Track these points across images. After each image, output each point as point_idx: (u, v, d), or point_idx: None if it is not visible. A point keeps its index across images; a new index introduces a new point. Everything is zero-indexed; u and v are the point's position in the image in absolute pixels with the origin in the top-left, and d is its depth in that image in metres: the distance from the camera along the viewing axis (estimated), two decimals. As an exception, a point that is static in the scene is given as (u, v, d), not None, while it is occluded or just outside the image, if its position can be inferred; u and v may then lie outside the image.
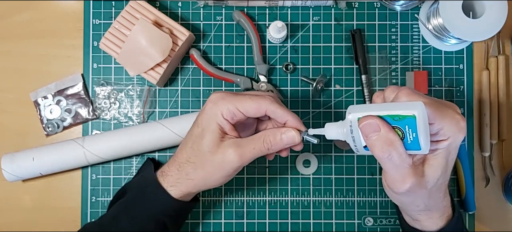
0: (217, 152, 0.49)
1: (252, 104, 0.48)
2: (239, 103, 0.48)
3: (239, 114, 0.48)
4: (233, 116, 0.48)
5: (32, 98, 0.64)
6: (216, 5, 0.65)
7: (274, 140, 0.49)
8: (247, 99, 0.48)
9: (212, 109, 0.49)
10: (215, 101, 0.49)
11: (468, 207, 0.63)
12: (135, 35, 0.59)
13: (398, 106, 0.41)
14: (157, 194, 0.52)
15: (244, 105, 0.48)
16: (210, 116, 0.49)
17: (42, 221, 0.64)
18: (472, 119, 0.64)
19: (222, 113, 0.48)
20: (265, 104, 0.48)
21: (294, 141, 0.49)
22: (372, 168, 0.64)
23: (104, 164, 0.64)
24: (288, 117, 0.49)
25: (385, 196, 0.64)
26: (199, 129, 0.50)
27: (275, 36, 0.62)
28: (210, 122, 0.49)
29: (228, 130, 0.49)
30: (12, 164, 0.60)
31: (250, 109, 0.48)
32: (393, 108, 0.41)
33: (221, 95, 0.49)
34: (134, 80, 0.64)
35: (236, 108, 0.48)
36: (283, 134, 0.49)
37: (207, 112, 0.49)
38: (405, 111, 0.40)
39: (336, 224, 0.64)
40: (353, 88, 0.65)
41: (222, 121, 0.48)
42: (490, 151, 0.64)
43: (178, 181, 0.51)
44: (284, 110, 0.49)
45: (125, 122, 0.64)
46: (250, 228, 0.64)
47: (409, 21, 0.65)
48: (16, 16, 0.65)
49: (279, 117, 0.49)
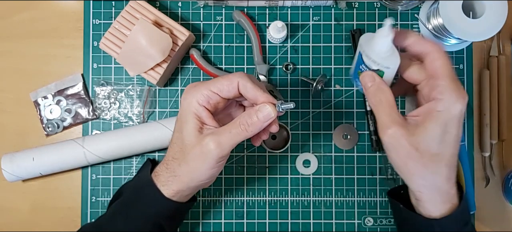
0: (197, 144, 0.48)
1: (224, 81, 0.48)
2: (211, 84, 0.48)
3: (214, 96, 0.48)
4: (208, 100, 0.48)
5: (32, 98, 0.64)
6: (216, 5, 0.65)
7: (251, 120, 0.47)
8: (219, 78, 0.48)
9: (186, 99, 0.48)
10: (188, 91, 0.49)
11: (468, 207, 0.63)
12: (135, 35, 0.59)
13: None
14: (151, 194, 0.52)
15: (216, 84, 0.48)
16: (185, 107, 0.49)
17: (42, 221, 0.64)
18: (472, 119, 0.65)
19: (197, 100, 0.48)
20: (236, 78, 0.47)
21: (270, 115, 0.47)
22: (372, 168, 0.64)
23: (104, 164, 0.64)
24: (258, 92, 0.48)
25: (385, 196, 0.64)
26: (178, 123, 0.50)
27: (275, 36, 0.62)
28: (186, 113, 0.48)
29: (206, 118, 0.48)
30: (12, 164, 0.60)
31: (223, 87, 0.48)
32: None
33: (194, 84, 0.49)
34: (134, 80, 0.65)
35: (210, 90, 0.47)
36: (258, 111, 0.47)
37: (183, 103, 0.49)
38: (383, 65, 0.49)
39: (336, 224, 0.64)
40: (353, 88, 0.65)
41: (197, 108, 0.48)
42: (490, 151, 0.64)
43: (168, 180, 0.51)
44: (254, 86, 0.47)
45: (125, 122, 0.64)
46: (250, 228, 0.64)
47: (409, 21, 0.65)
48: (16, 16, 0.65)
49: (249, 91, 0.48)
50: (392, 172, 0.64)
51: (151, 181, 0.52)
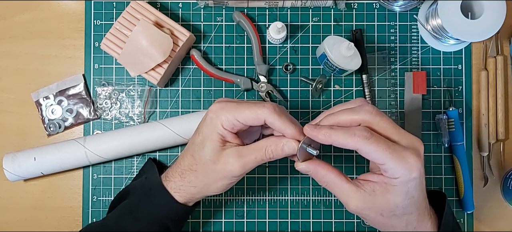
0: (218, 161, 0.49)
1: (251, 115, 0.47)
2: (238, 113, 0.48)
3: (238, 124, 0.48)
4: (233, 126, 0.48)
5: (34, 98, 0.65)
6: (217, 6, 0.65)
7: (276, 150, 0.48)
8: (246, 110, 0.48)
9: (212, 120, 0.49)
10: (215, 111, 0.49)
11: (467, 207, 0.63)
12: (136, 35, 0.59)
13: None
14: (162, 197, 0.52)
15: (243, 115, 0.48)
16: (210, 126, 0.49)
17: (43, 221, 0.65)
18: (470, 119, 0.65)
19: (222, 123, 0.48)
20: (264, 115, 0.47)
21: (295, 151, 0.48)
22: (371, 167, 0.64)
23: (105, 163, 0.64)
24: (286, 130, 0.48)
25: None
26: (200, 138, 0.50)
27: (275, 36, 0.63)
28: (210, 132, 0.49)
29: (230, 138, 0.49)
30: (14, 163, 0.60)
31: (249, 120, 0.48)
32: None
33: (221, 105, 0.49)
34: (135, 81, 0.65)
35: (235, 118, 0.48)
36: (285, 145, 0.48)
37: (208, 122, 0.49)
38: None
39: (335, 223, 0.64)
40: (352, 88, 0.65)
41: (222, 131, 0.48)
42: (489, 151, 0.64)
43: (181, 188, 0.52)
44: (283, 121, 0.47)
45: (126, 122, 0.65)
46: (250, 227, 0.64)
47: (408, 22, 0.65)
48: (17, 17, 0.65)
49: (277, 128, 0.48)
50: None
51: (161, 184, 0.53)
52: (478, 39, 0.58)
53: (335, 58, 0.59)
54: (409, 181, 0.44)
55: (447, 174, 0.65)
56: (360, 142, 0.43)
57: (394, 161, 0.43)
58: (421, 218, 0.48)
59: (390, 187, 0.45)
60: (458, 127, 0.63)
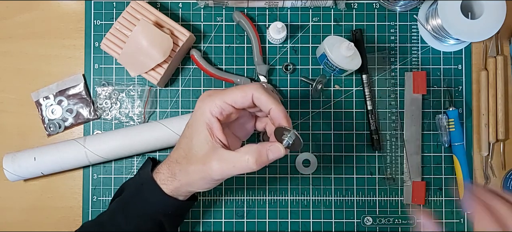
0: (201, 161, 0.48)
1: (238, 93, 0.48)
2: (225, 95, 0.48)
3: (227, 107, 0.48)
4: (221, 111, 0.48)
5: (34, 98, 0.65)
6: (217, 6, 0.65)
7: (261, 160, 0.47)
8: (233, 89, 0.48)
9: (200, 107, 0.49)
10: (203, 99, 0.49)
11: (467, 207, 0.63)
12: (136, 35, 0.59)
13: None
14: (151, 191, 0.52)
15: (231, 95, 0.48)
16: (198, 116, 0.49)
17: (43, 221, 0.65)
18: (470, 119, 0.65)
19: (210, 110, 0.48)
20: (251, 90, 0.47)
21: (280, 154, 0.48)
22: (371, 167, 0.64)
23: (105, 163, 0.64)
24: (271, 105, 0.48)
25: (384, 195, 0.64)
26: (189, 130, 0.50)
27: (275, 36, 0.63)
28: (198, 122, 0.49)
29: (216, 130, 0.48)
30: (14, 163, 0.60)
31: (237, 98, 0.48)
32: None
33: (208, 93, 0.49)
34: (135, 80, 0.65)
35: (224, 101, 0.48)
36: (270, 151, 0.48)
37: (196, 111, 0.49)
38: None
39: (335, 223, 0.64)
40: (352, 88, 0.65)
41: (210, 119, 0.48)
42: (489, 151, 0.64)
43: (168, 179, 0.52)
44: (269, 97, 0.48)
45: (126, 122, 0.65)
46: (250, 227, 0.64)
47: (408, 22, 0.65)
48: (17, 17, 0.66)
49: (263, 103, 0.48)
50: (391, 172, 0.64)
51: (152, 178, 0.53)
52: (478, 39, 0.58)
53: (335, 58, 0.59)
54: None
55: (447, 174, 0.65)
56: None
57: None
58: None
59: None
60: (458, 127, 0.63)
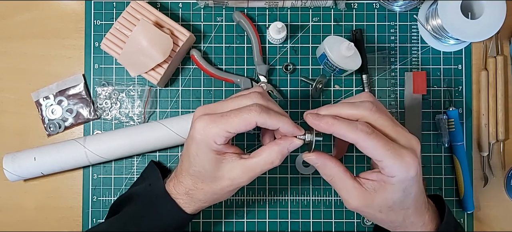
0: (223, 177, 0.48)
1: (241, 122, 0.45)
2: (229, 125, 0.45)
3: (231, 135, 0.46)
4: (225, 139, 0.46)
5: (34, 98, 0.65)
6: (217, 6, 0.65)
7: (282, 155, 0.48)
8: (234, 118, 0.45)
9: (203, 140, 0.46)
10: (203, 130, 0.46)
11: (467, 207, 0.63)
12: (136, 35, 0.59)
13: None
14: (168, 207, 0.52)
15: (233, 126, 0.45)
16: (203, 147, 0.47)
17: (43, 221, 0.65)
18: (470, 119, 0.65)
19: (214, 140, 0.46)
20: (253, 118, 0.45)
21: (297, 146, 0.48)
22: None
23: (105, 163, 0.64)
24: (278, 125, 0.46)
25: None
26: (198, 160, 0.48)
27: (275, 36, 0.63)
28: (205, 152, 0.47)
29: (225, 149, 0.48)
30: (14, 164, 0.60)
31: (240, 127, 0.45)
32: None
33: (206, 121, 0.46)
34: (135, 81, 0.65)
35: (226, 131, 0.45)
36: (290, 145, 0.48)
37: (199, 143, 0.47)
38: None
39: (335, 223, 0.64)
40: (352, 88, 0.65)
41: (217, 147, 0.47)
42: (489, 151, 0.64)
43: (191, 204, 0.52)
44: (273, 119, 0.46)
45: (126, 122, 0.65)
46: (250, 227, 0.64)
47: (408, 22, 0.65)
48: (17, 17, 0.66)
49: (270, 126, 0.46)
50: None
51: (167, 193, 0.52)
52: (478, 39, 0.58)
53: (335, 58, 0.59)
54: (406, 179, 0.45)
55: (447, 174, 0.65)
56: (361, 136, 0.43)
57: (391, 159, 0.44)
58: (418, 212, 0.49)
59: (388, 185, 0.45)
60: (458, 127, 0.63)
